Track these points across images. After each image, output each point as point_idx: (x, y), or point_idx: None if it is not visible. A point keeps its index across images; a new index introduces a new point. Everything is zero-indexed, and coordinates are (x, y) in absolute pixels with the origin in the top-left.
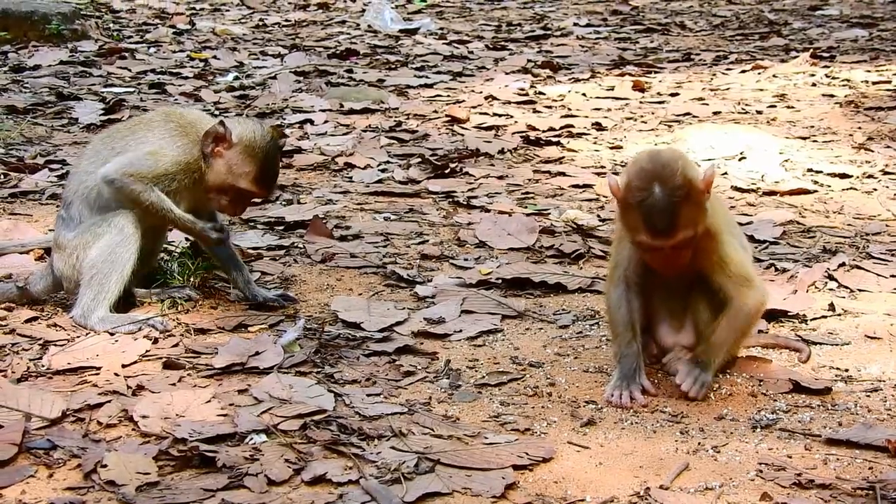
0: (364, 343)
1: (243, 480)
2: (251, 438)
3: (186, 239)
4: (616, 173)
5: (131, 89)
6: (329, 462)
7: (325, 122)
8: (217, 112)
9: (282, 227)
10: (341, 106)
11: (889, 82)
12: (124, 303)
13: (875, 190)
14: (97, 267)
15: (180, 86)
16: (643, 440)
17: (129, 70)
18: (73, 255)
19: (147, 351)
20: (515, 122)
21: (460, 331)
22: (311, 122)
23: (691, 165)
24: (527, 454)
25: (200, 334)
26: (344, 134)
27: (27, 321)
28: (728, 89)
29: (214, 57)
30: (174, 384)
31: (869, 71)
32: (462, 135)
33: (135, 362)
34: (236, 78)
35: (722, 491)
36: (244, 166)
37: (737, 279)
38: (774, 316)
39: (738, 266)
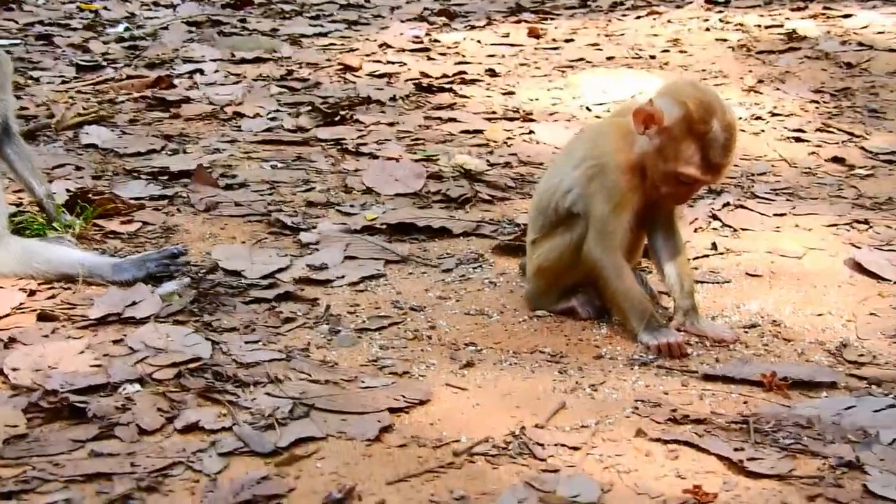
0: (245, 291)
1: (114, 430)
2: (124, 388)
3: (68, 190)
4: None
5: (18, 41)
6: (202, 410)
7: (216, 71)
8: (105, 63)
9: (166, 177)
10: (233, 56)
11: (781, 26)
12: None
13: (763, 131)
14: None
15: (68, 37)
16: (521, 380)
17: (16, 21)
18: None
19: (21, 303)
20: (409, 69)
21: (342, 276)
22: (201, 71)
23: None
24: (403, 397)
25: (77, 285)
26: (234, 83)
27: None
28: (623, 35)
29: (105, 8)
30: (47, 336)
31: (762, 15)
32: (354, 83)
33: (7, 315)
34: (127, 29)
35: (597, 428)
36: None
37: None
38: None
39: None
